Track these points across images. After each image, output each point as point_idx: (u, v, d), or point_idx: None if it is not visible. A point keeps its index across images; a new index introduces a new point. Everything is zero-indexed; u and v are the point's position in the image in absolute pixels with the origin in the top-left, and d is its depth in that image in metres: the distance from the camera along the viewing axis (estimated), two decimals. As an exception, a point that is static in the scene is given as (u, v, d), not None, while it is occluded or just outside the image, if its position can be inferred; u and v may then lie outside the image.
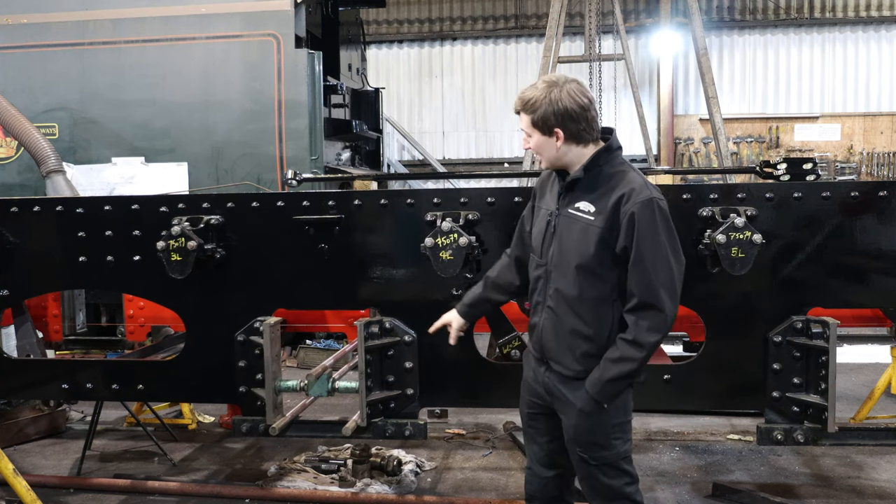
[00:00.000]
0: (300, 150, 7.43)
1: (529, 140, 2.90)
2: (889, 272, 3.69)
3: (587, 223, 2.81)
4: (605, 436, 2.86)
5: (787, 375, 3.69)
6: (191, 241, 3.77)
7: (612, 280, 2.80)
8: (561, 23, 13.16)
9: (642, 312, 2.74)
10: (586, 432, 2.87)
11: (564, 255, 2.86)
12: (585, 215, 2.82)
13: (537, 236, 3.00)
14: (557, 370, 2.92)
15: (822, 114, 16.22)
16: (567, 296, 2.85)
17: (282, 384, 3.78)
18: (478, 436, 5.72)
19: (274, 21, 7.43)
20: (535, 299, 3.01)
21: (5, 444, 5.25)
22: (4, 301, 4.26)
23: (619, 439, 2.89)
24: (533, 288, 3.02)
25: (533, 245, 3.03)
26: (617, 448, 2.88)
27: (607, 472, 2.88)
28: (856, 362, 7.67)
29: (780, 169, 4.46)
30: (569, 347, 2.87)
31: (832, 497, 4.50)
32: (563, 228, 2.88)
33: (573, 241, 2.84)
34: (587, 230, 2.81)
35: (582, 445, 2.88)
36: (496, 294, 3.27)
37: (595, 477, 2.90)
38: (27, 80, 7.71)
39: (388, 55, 17.41)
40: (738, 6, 16.46)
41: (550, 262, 2.91)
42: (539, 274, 2.97)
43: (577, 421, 2.87)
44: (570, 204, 2.88)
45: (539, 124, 2.83)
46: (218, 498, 4.64)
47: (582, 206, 2.84)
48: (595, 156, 2.86)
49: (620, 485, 2.89)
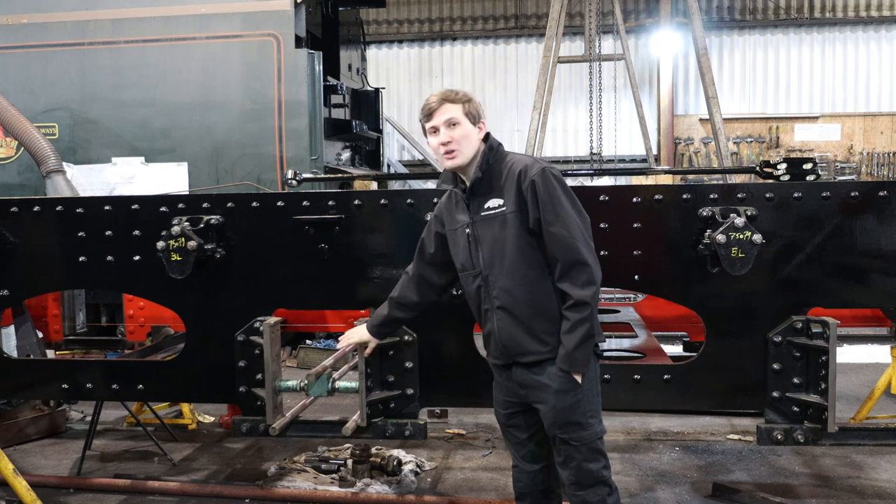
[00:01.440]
0: (300, 150, 7.44)
1: (455, 130, 2.95)
2: (889, 272, 3.69)
3: (502, 215, 2.94)
4: (582, 414, 2.93)
5: (787, 375, 3.70)
6: (191, 241, 3.77)
7: (542, 255, 2.92)
8: (561, 23, 13.16)
9: (570, 273, 2.85)
10: (565, 411, 2.93)
11: (494, 253, 2.96)
12: (497, 209, 2.95)
13: (462, 252, 3.08)
14: (525, 362, 2.98)
15: (822, 114, 16.23)
16: (511, 288, 2.94)
17: (282, 384, 3.78)
18: (478, 436, 5.72)
19: (274, 21, 7.44)
20: (482, 309, 3.06)
21: (5, 444, 5.25)
22: (4, 301, 4.26)
23: (595, 418, 2.98)
24: (476, 302, 3.08)
25: (462, 263, 3.10)
26: (594, 427, 2.96)
27: (587, 454, 2.95)
28: (856, 362, 7.66)
29: (780, 169, 4.46)
30: (529, 334, 2.94)
31: (832, 497, 4.50)
32: (483, 232, 2.99)
33: (496, 236, 2.95)
34: (505, 220, 2.93)
35: (562, 427, 2.94)
36: (401, 313, 3.40)
37: (576, 460, 2.96)
38: (27, 80, 7.72)
39: (388, 55, 17.42)
40: (738, 6, 16.48)
41: (485, 267, 2.99)
42: (477, 284, 3.04)
43: (555, 402, 2.93)
44: (479, 208, 3.00)
45: (472, 113, 2.99)
46: (218, 498, 4.64)
47: (491, 204, 2.97)
48: (485, 152, 3.01)
49: (598, 468, 2.97)
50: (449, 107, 2.97)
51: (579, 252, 2.84)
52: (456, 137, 2.96)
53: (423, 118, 3.03)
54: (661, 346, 4.70)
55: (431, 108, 2.99)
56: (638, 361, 4.22)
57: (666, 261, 3.77)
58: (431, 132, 3.02)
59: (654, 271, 3.78)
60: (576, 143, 16.88)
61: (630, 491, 4.60)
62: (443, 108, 2.97)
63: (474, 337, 3.94)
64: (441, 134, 2.97)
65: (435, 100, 3.00)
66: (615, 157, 15.58)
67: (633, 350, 4.60)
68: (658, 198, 3.70)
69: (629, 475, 4.85)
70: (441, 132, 2.97)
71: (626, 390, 3.86)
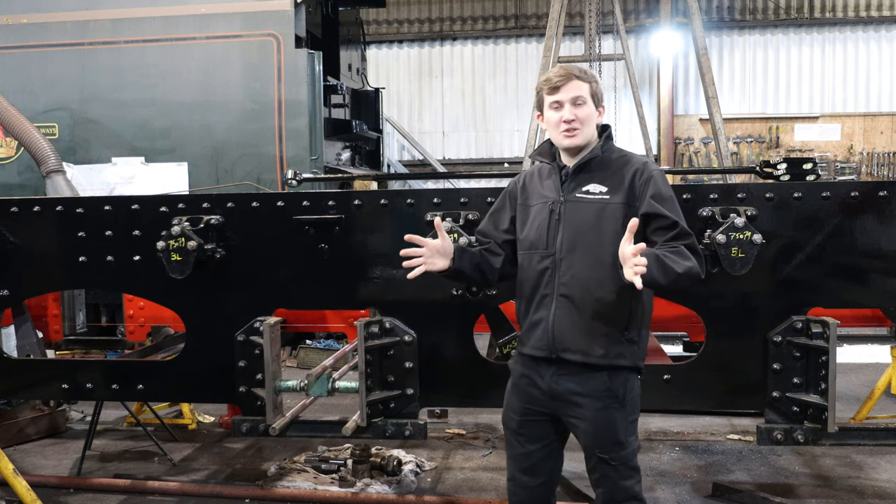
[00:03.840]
0: (300, 150, 7.44)
1: (580, 109, 2.85)
2: (889, 272, 3.69)
3: (602, 203, 2.81)
4: (624, 431, 2.84)
5: (787, 375, 3.69)
6: (191, 241, 3.77)
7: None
8: (561, 23, 13.16)
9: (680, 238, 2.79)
10: (607, 430, 2.82)
11: (579, 239, 2.81)
12: (598, 196, 2.82)
13: (539, 229, 2.90)
14: (573, 360, 2.81)
15: (822, 114, 16.22)
16: (588, 278, 2.80)
17: (282, 384, 3.78)
18: (478, 436, 5.72)
19: (274, 21, 7.44)
20: (539, 294, 2.89)
21: (5, 444, 5.25)
22: (4, 301, 4.26)
23: (633, 435, 2.89)
24: (534, 284, 2.90)
25: (532, 240, 2.92)
26: (633, 445, 2.87)
27: (623, 471, 2.85)
28: (856, 362, 7.67)
29: (780, 169, 4.46)
30: (587, 331, 2.80)
31: (832, 497, 4.50)
32: (572, 213, 2.84)
33: (587, 223, 2.82)
34: (604, 209, 2.80)
35: (604, 446, 2.83)
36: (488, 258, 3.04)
37: (612, 479, 2.86)
38: (27, 80, 7.72)
39: (388, 55, 17.40)
40: (738, 6, 16.47)
41: (560, 250, 2.83)
42: (545, 266, 2.87)
43: (596, 420, 2.81)
44: (576, 189, 2.86)
45: (597, 94, 2.90)
46: (218, 498, 4.64)
47: (592, 189, 2.84)
48: (606, 138, 2.94)
49: (632, 484, 2.87)
50: (578, 84, 2.85)
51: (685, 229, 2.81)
52: (580, 117, 2.85)
53: (547, 90, 2.89)
54: (661, 346, 4.70)
55: (556, 83, 2.86)
56: (638, 361, 4.22)
57: (666, 261, 3.76)
58: (553, 107, 2.88)
59: (654, 271, 3.77)
60: (576, 143, 16.84)
61: (630, 491, 4.59)
62: (571, 85, 2.85)
63: (474, 337, 3.95)
64: (565, 110, 2.85)
65: (561, 74, 2.87)
66: (615, 157, 15.54)
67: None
68: (658, 198, 3.70)
69: (629, 475, 4.84)
70: (566, 108, 2.85)
71: (626, 390, 3.85)
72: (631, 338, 2.84)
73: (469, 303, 3.87)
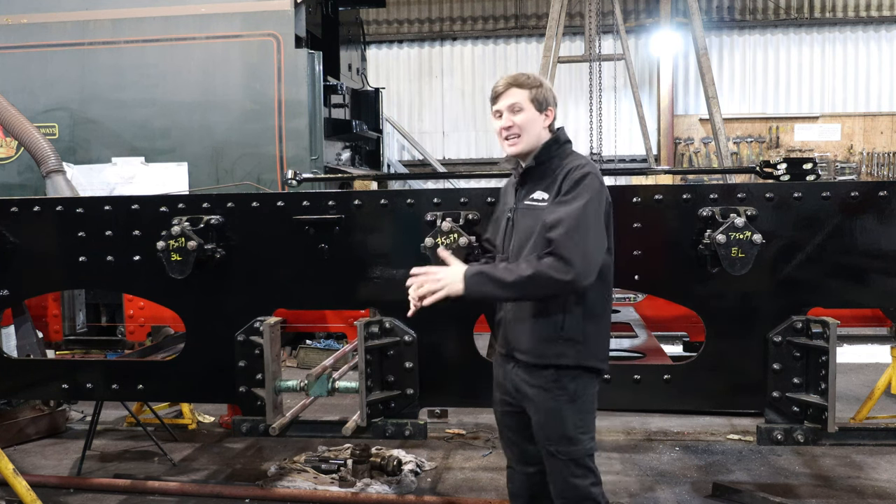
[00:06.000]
0: (300, 150, 7.44)
1: (517, 116, 2.90)
2: (889, 272, 3.69)
3: (541, 209, 2.86)
4: (573, 428, 2.89)
5: (787, 375, 3.69)
6: (191, 241, 3.77)
7: None
8: (561, 23, 13.16)
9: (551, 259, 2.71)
10: (555, 424, 2.89)
11: (521, 244, 2.91)
12: (540, 203, 2.88)
13: (501, 235, 3.07)
14: (523, 359, 2.94)
15: (822, 114, 16.23)
16: None
17: (282, 384, 3.78)
18: (478, 436, 5.72)
19: (274, 21, 7.44)
20: None
21: (5, 444, 5.25)
22: (4, 301, 4.26)
23: (586, 435, 2.93)
24: None
25: (499, 245, 3.09)
26: (584, 444, 2.91)
27: (574, 469, 2.90)
28: (856, 362, 7.67)
29: (780, 169, 4.46)
30: (532, 333, 2.90)
31: (832, 497, 4.50)
32: (519, 220, 2.95)
33: (529, 230, 2.89)
34: (539, 214, 2.86)
35: (551, 439, 2.90)
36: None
37: (562, 476, 2.91)
38: (27, 80, 7.72)
39: (388, 55, 17.42)
40: (738, 6, 16.48)
41: (511, 255, 2.95)
42: None
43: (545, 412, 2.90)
44: (525, 196, 2.95)
45: (539, 99, 2.91)
46: (218, 498, 4.64)
47: (536, 196, 2.90)
48: (546, 145, 2.94)
49: (587, 485, 2.91)
50: (515, 91, 2.90)
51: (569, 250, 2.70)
52: (518, 123, 2.90)
53: (491, 100, 2.98)
54: (661, 346, 4.70)
55: (498, 91, 2.93)
56: (638, 361, 4.22)
57: (666, 261, 3.77)
58: (496, 115, 2.96)
59: (654, 271, 3.78)
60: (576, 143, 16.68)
61: (630, 491, 4.60)
62: (509, 93, 2.91)
63: (474, 337, 3.95)
64: (503, 119, 2.93)
65: (503, 83, 2.94)
66: (615, 157, 15.57)
67: (633, 350, 4.60)
68: (658, 198, 3.70)
69: (629, 475, 4.85)
70: (504, 116, 2.93)
71: (626, 390, 3.86)
72: (571, 337, 2.86)
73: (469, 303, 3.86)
